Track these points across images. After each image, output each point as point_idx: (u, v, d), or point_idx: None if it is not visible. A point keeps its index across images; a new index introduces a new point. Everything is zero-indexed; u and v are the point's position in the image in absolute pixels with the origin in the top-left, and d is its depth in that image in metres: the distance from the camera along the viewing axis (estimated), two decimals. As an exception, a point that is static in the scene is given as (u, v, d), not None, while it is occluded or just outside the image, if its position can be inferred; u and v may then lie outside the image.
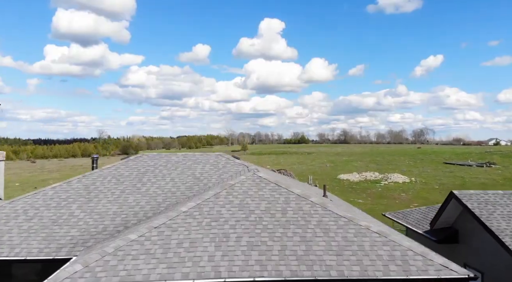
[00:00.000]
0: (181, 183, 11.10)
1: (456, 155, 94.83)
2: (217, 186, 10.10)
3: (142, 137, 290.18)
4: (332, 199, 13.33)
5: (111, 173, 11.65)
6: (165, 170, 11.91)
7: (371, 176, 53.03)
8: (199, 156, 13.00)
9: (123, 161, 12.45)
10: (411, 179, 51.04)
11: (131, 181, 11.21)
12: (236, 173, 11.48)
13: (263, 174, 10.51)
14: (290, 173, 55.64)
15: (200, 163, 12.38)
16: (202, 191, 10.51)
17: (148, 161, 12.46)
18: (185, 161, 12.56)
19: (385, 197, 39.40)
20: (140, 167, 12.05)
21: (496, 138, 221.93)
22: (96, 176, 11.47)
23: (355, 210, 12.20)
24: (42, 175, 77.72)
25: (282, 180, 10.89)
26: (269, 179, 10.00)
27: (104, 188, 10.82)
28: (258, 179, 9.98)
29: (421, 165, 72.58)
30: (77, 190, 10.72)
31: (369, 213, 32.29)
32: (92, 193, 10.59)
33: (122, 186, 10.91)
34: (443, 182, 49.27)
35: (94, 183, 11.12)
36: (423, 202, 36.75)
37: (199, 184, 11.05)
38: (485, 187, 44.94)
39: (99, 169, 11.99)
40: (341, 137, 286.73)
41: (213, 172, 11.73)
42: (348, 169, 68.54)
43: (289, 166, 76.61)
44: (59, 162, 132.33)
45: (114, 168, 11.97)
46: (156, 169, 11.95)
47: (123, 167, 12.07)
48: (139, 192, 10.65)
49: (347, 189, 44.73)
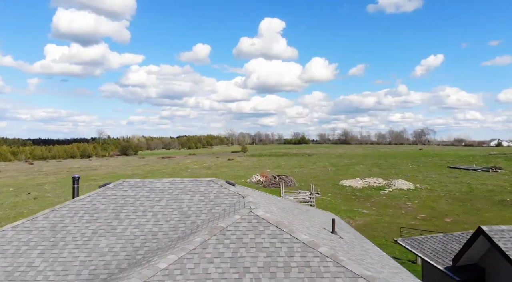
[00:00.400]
0: (165, 220, 9.46)
1: (460, 158, 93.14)
2: (206, 228, 8.45)
3: (142, 137, 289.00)
4: (342, 227, 11.67)
5: (84, 207, 10.00)
6: (147, 201, 10.27)
7: (374, 182, 51.37)
8: (188, 182, 11.33)
9: (100, 190, 10.81)
10: (416, 185, 49.39)
11: (107, 217, 9.56)
12: (230, 206, 9.84)
13: (262, 211, 8.86)
14: (290, 179, 54.04)
15: (189, 192, 10.72)
16: (188, 232, 8.87)
17: (129, 190, 10.81)
18: (172, 189, 10.90)
19: (390, 206, 37.75)
20: (119, 198, 10.41)
21: (498, 138, 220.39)
22: (66, 211, 9.82)
23: (368, 248, 10.58)
24: (38, 178, 76.11)
25: (284, 219, 9.25)
26: (269, 219, 8.35)
27: (73, 228, 9.17)
28: (255, 219, 8.33)
29: (424, 169, 70.94)
30: (42, 230, 9.08)
31: (374, 225, 30.71)
32: (59, 234, 8.95)
33: (95, 225, 9.26)
34: (449, 188, 47.62)
35: (62, 220, 9.48)
36: (430, 212, 35.15)
37: (186, 222, 9.41)
38: (493, 194, 43.30)
39: (71, 201, 10.34)
40: (342, 138, 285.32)
41: (203, 205, 10.08)
42: (350, 173, 66.91)
43: (289, 170, 75.00)
44: (57, 163, 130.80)
45: (89, 200, 10.32)
46: (137, 200, 10.31)
47: (99, 198, 10.42)
48: (114, 232, 9.00)
49: (350, 197, 43.07)
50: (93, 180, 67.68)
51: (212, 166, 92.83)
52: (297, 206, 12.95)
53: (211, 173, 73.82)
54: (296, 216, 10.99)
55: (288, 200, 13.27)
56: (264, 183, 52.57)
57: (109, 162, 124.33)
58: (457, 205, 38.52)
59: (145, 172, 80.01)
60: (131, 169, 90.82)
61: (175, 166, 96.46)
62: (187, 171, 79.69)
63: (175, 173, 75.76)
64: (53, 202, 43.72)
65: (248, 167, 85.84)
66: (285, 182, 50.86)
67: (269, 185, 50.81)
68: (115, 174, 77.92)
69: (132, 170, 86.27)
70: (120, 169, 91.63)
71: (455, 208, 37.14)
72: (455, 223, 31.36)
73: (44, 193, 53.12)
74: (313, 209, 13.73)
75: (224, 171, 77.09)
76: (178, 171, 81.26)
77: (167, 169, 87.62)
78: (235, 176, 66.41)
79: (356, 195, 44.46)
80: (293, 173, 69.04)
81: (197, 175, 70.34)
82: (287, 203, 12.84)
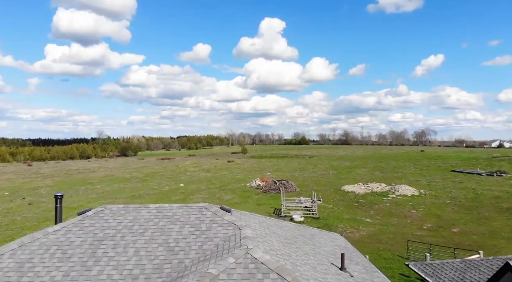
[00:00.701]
0: (148, 259, 8.22)
1: (463, 161, 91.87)
2: (195, 275, 7.21)
3: (142, 137, 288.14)
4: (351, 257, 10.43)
5: (57, 241, 8.76)
6: (130, 234, 9.03)
7: (377, 187, 50.13)
8: (177, 208, 10.10)
9: (78, 220, 9.57)
10: (419, 191, 48.14)
11: (81, 255, 8.33)
12: (225, 240, 8.61)
13: (261, 251, 7.63)
14: (291, 184, 52.80)
15: (178, 222, 9.49)
16: (174, 275, 7.64)
17: (110, 220, 9.57)
18: (158, 218, 9.66)
19: (395, 215, 36.52)
20: (97, 230, 9.17)
21: (500, 139, 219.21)
22: (37, 246, 8.59)
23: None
24: (35, 181, 74.96)
25: (287, 259, 8.00)
26: (269, 263, 7.12)
27: (42, 269, 7.94)
28: (252, 264, 7.10)
29: (427, 173, 69.66)
30: (6, 272, 7.84)
31: (379, 236, 29.41)
32: (25, 278, 7.72)
33: (67, 265, 8.02)
34: (454, 194, 46.38)
35: (31, 258, 8.24)
36: (436, 221, 33.93)
37: (173, 261, 8.17)
38: (500, 201, 42.07)
39: (43, 233, 9.10)
40: (342, 138, 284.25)
41: (193, 239, 8.84)
42: (352, 177, 65.68)
43: (290, 173, 73.85)
44: (56, 164, 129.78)
45: (63, 232, 9.09)
46: (118, 233, 9.07)
47: (76, 229, 9.18)
48: (89, 275, 7.76)
49: (353, 204, 41.83)
50: (90, 183, 66.51)
51: (211, 168, 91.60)
52: (300, 231, 11.71)
53: (210, 176, 72.63)
54: (300, 248, 9.75)
55: (290, 223, 12.03)
56: (264, 188, 51.35)
57: (108, 164, 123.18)
58: (464, 212, 37.29)
59: (143, 175, 78.79)
60: (129, 171, 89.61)
61: (174, 168, 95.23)
62: (186, 174, 78.47)
63: (173, 176, 74.55)
64: (47, 208, 42.55)
65: (248, 170, 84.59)
66: (286, 187, 49.63)
67: (269, 190, 49.59)
68: (113, 177, 76.75)
69: (131, 173, 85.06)
70: (119, 171, 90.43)
71: (461, 216, 35.90)
72: (463, 233, 30.13)
73: (40, 197, 51.95)
74: (317, 232, 12.50)
75: (223, 174, 75.86)
76: (177, 174, 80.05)
77: (166, 171, 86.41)
78: (235, 180, 65.19)
79: (359, 201, 43.22)
80: (293, 176, 67.81)
81: (196, 178, 69.13)
82: (289, 228, 11.60)
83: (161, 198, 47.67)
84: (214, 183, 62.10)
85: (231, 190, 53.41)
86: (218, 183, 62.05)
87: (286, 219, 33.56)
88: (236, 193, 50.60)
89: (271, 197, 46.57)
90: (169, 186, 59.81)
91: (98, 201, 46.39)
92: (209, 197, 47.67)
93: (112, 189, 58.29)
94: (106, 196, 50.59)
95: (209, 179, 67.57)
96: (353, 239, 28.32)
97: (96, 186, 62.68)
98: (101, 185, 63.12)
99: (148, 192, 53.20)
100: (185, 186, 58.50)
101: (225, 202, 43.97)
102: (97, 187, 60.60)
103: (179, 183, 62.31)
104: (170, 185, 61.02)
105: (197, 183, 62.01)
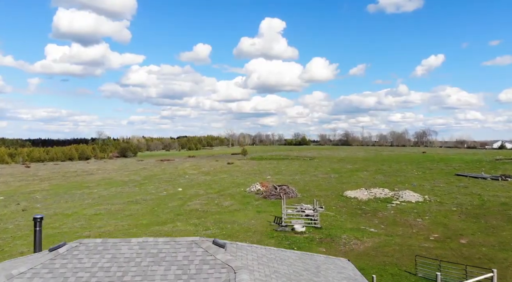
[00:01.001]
0: (125, 313, 6.96)
1: (466, 164, 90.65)
2: None
3: (141, 138, 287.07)
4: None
5: (21, 288, 7.51)
6: (106, 278, 7.76)
7: (380, 193, 48.85)
8: (163, 244, 8.82)
9: (48, 259, 8.29)
10: (424, 197, 46.86)
11: (47, 308, 7.07)
12: (215, 287, 7.34)
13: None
14: (292, 189, 51.55)
15: (163, 263, 8.21)
16: None
17: (84, 259, 8.30)
18: (141, 258, 8.38)
19: (400, 223, 35.23)
20: (69, 272, 7.90)
21: (501, 140, 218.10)
22: (-5, 296, 7.34)
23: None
24: (32, 184, 73.83)
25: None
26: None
27: (-3, 327, 6.70)
28: (246, 328, 5.84)
29: (431, 176, 68.41)
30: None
31: (384, 248, 27.96)
32: None
33: (27, 323, 6.77)
34: (460, 201, 45.09)
35: (-14, 312, 7.00)
36: (443, 231, 32.63)
37: (154, 316, 6.91)
38: (507, 208, 40.79)
39: (7, 277, 7.82)
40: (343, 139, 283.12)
41: (179, 286, 7.57)
42: (354, 181, 64.45)
43: (291, 177, 72.71)
44: (54, 166, 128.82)
45: (30, 275, 7.81)
46: (92, 276, 7.79)
47: (45, 272, 7.91)
48: None
49: (356, 211, 40.56)
50: (87, 187, 65.31)
51: (210, 171, 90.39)
52: (305, 264, 10.44)
53: (209, 180, 71.40)
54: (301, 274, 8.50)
55: (293, 253, 10.77)
56: (265, 193, 50.12)
57: (106, 165, 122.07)
58: (471, 221, 35.99)
59: (142, 178, 77.57)
60: (127, 174, 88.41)
61: (173, 170, 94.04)
62: (184, 177, 77.24)
63: (172, 179, 73.31)
64: (41, 216, 41.28)
65: (248, 172, 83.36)
66: (286, 193, 48.39)
67: (270, 196, 48.34)
68: (111, 180, 75.56)
69: (129, 175, 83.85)
70: (117, 173, 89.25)
71: (469, 225, 34.61)
72: (471, 245, 28.84)
73: (34, 203, 50.71)
74: (323, 261, 11.23)
75: (223, 177, 74.63)
76: (175, 176, 78.82)
77: (164, 174, 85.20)
78: (234, 184, 63.97)
79: (362, 208, 41.96)
80: (294, 180, 66.57)
81: (194, 182, 67.87)
82: (293, 260, 10.32)
83: (158, 204, 46.42)
84: (213, 187, 60.85)
85: (230, 195, 52.16)
86: (217, 187, 60.80)
87: (287, 228, 32.32)
88: (235, 198, 49.35)
89: (272, 203, 45.31)
90: (167, 190, 58.56)
91: (93, 207, 45.14)
92: (207, 202, 46.42)
93: (108, 193, 57.05)
94: (102, 201, 49.35)
95: (208, 183, 66.30)
96: (357, 251, 27.07)
97: (93, 190, 61.44)
98: (98, 189, 61.87)
99: (145, 197, 51.95)
100: (183, 191, 57.25)
101: (224, 208, 42.72)
102: (94, 191, 59.35)
103: (178, 187, 61.06)
104: (168, 189, 59.77)
105: (195, 187, 60.75)
